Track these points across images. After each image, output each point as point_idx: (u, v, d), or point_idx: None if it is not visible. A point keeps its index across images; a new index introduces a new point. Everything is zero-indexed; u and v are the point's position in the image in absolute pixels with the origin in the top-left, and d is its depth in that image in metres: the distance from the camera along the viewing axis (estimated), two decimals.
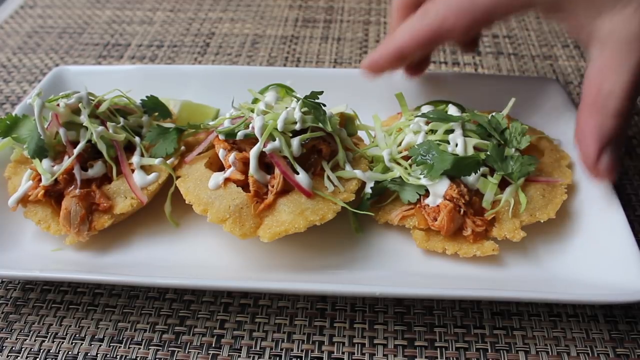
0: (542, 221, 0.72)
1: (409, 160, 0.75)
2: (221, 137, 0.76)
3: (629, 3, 0.62)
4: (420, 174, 0.73)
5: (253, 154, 0.71)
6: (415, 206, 0.74)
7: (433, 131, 0.77)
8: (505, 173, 0.73)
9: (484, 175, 0.73)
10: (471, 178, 0.72)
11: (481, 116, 0.78)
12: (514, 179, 0.73)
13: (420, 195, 0.73)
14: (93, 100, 0.78)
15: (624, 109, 0.65)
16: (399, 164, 0.76)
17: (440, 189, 0.71)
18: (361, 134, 0.87)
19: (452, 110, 0.80)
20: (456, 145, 0.73)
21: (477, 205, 0.73)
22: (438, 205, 0.71)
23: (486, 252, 0.70)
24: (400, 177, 0.74)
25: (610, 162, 0.67)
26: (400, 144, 0.78)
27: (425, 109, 0.82)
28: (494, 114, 0.79)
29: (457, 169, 0.71)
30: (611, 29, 0.64)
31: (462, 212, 0.71)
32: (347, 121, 0.83)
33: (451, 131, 0.76)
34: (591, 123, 0.67)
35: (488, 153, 0.73)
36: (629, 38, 0.63)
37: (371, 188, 0.75)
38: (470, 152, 0.73)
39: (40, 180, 0.74)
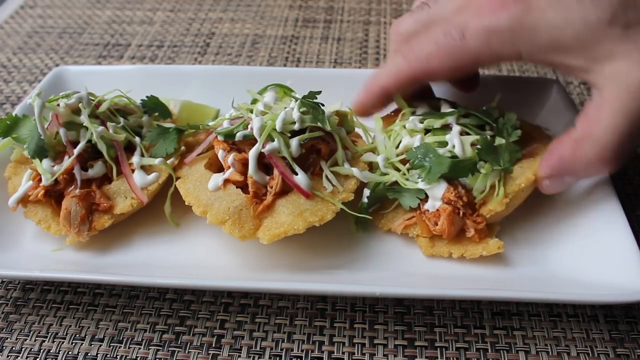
0: (522, 185, 0.71)
1: (407, 165, 0.74)
2: (220, 138, 0.76)
3: (632, 52, 0.60)
4: (418, 178, 0.73)
5: (252, 154, 0.71)
6: (417, 213, 0.73)
7: (429, 131, 0.76)
8: (497, 166, 0.72)
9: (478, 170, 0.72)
10: (469, 179, 0.72)
11: (474, 110, 0.79)
12: (505, 168, 0.72)
13: (420, 199, 0.72)
14: (93, 100, 0.78)
15: (606, 159, 0.64)
16: (396, 168, 0.75)
17: (438, 193, 0.71)
18: (359, 130, 0.86)
19: (445, 108, 0.80)
20: (453, 146, 0.72)
21: (473, 202, 0.73)
22: (438, 210, 0.71)
23: (492, 250, 0.70)
24: (396, 182, 0.74)
25: (559, 187, 0.72)
26: (398, 146, 0.77)
27: (420, 108, 0.81)
28: (485, 107, 0.80)
29: (455, 172, 0.71)
30: (612, 76, 0.62)
31: (461, 214, 0.71)
32: (342, 118, 0.82)
33: (447, 128, 0.75)
34: (567, 155, 0.67)
35: (479, 147, 0.72)
36: (632, 86, 0.60)
37: (367, 197, 0.75)
38: (468, 150, 0.72)
39: (40, 180, 0.74)
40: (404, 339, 0.68)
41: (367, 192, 0.75)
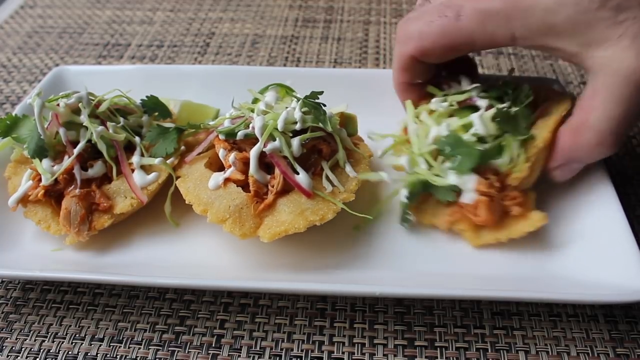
0: (540, 145, 0.72)
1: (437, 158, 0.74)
2: (221, 137, 0.76)
3: (622, 38, 0.61)
4: (450, 170, 0.72)
5: (253, 154, 0.71)
6: (457, 208, 0.73)
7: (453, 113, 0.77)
8: (517, 135, 0.73)
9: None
10: (498, 161, 0.72)
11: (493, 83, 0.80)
12: (526, 137, 0.73)
13: (455, 192, 0.72)
14: (93, 100, 0.78)
15: (606, 143, 0.67)
16: (428, 163, 0.74)
17: (469, 186, 0.71)
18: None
19: (465, 82, 0.81)
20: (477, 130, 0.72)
21: (504, 181, 0.73)
22: (475, 201, 0.71)
23: (536, 224, 0.70)
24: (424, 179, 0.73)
25: (568, 174, 0.75)
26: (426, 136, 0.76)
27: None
28: (501, 81, 0.81)
29: (484, 159, 0.71)
30: (606, 62, 0.63)
31: (496, 200, 0.71)
32: (347, 121, 0.83)
33: (470, 105, 0.76)
34: (568, 144, 0.70)
35: (498, 119, 0.73)
36: (623, 71, 0.62)
37: (406, 197, 0.74)
38: (491, 127, 0.72)
39: (40, 180, 0.74)
40: (403, 339, 0.68)
41: (404, 191, 0.74)
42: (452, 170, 0.72)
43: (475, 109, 0.76)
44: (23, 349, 0.68)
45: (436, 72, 0.81)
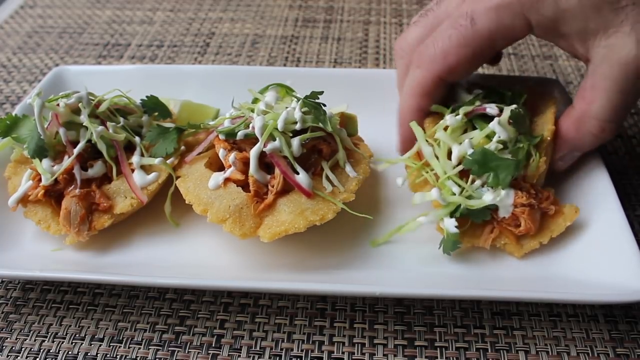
0: (549, 138, 0.74)
1: (468, 179, 0.71)
2: (221, 137, 0.76)
3: (623, 24, 0.62)
4: (483, 187, 0.70)
5: (253, 153, 0.71)
6: (496, 225, 0.71)
7: (470, 125, 0.75)
8: (529, 136, 0.73)
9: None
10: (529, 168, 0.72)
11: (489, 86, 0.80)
12: (538, 137, 0.74)
13: (491, 210, 0.70)
14: (93, 100, 0.78)
15: (607, 130, 0.69)
16: (458, 186, 0.70)
17: (508, 201, 0.69)
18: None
19: (461, 91, 0.80)
20: (499, 137, 0.71)
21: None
22: (514, 213, 0.70)
23: (572, 217, 0.71)
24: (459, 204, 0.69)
25: (569, 162, 0.77)
26: (449, 157, 0.72)
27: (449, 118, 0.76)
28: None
29: (518, 169, 0.70)
30: (605, 49, 0.64)
31: (536, 207, 0.70)
32: (347, 121, 0.83)
33: (480, 117, 0.74)
34: (572, 134, 0.72)
35: (511, 121, 0.72)
36: (623, 59, 0.63)
37: (455, 227, 0.68)
38: (512, 131, 0.72)
39: (40, 180, 0.74)
40: (403, 339, 0.68)
41: (450, 221, 0.68)
42: (488, 188, 0.70)
43: (484, 117, 0.74)
44: (23, 349, 0.68)
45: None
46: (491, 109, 0.74)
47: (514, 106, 0.75)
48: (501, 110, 0.74)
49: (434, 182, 0.72)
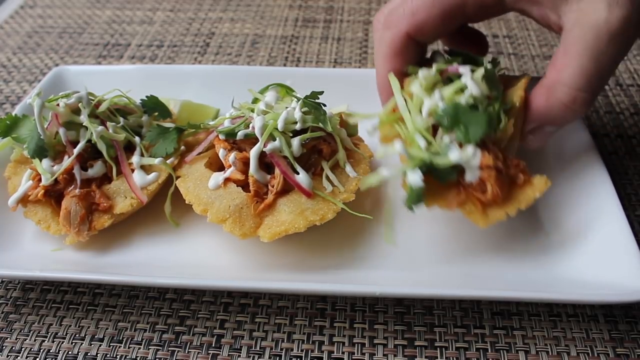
0: (517, 105, 0.71)
1: (437, 135, 0.67)
2: (221, 136, 0.76)
3: None
4: (450, 143, 0.66)
5: (253, 153, 0.71)
6: (462, 190, 0.67)
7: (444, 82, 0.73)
8: (500, 96, 0.70)
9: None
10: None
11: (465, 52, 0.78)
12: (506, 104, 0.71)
13: (457, 171, 0.66)
14: (93, 100, 0.78)
15: (579, 100, 0.65)
16: (426, 140, 0.67)
17: (474, 162, 0.65)
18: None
19: (439, 57, 0.78)
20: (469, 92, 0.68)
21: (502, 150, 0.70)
22: (480, 178, 0.66)
23: (542, 188, 0.67)
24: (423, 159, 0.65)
25: (542, 138, 0.73)
26: (421, 111, 0.70)
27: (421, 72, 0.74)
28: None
29: (490, 126, 0.67)
30: (576, 14, 0.62)
31: (503, 172, 0.67)
32: (347, 121, 0.83)
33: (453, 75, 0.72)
34: (542, 103, 0.68)
35: (487, 79, 0.70)
36: (594, 22, 0.61)
37: (422, 178, 0.63)
38: (484, 88, 0.69)
39: (40, 180, 0.74)
40: (403, 339, 0.68)
41: (415, 174, 0.64)
42: (454, 145, 0.65)
43: (459, 78, 0.71)
44: (23, 349, 0.68)
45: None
46: (465, 69, 0.71)
47: (489, 65, 0.73)
48: (473, 72, 0.71)
49: (404, 136, 0.69)
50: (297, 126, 0.73)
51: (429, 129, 0.68)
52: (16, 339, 0.69)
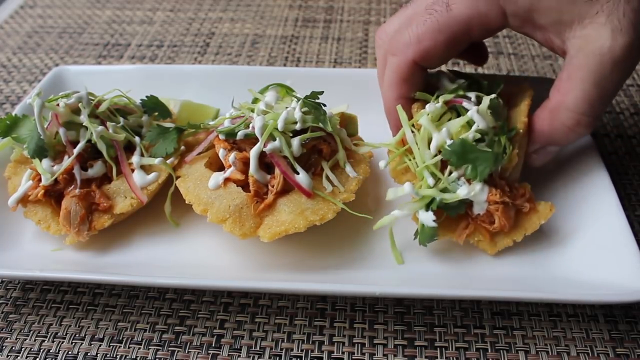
0: (522, 131, 0.73)
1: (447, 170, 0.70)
2: (221, 136, 0.76)
3: (599, 15, 0.62)
4: (459, 180, 0.69)
5: (253, 153, 0.71)
6: (471, 221, 0.71)
7: (450, 114, 0.74)
8: (505, 127, 0.73)
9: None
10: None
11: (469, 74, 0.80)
12: (513, 129, 0.74)
13: (465, 204, 0.70)
14: (93, 100, 0.78)
15: (582, 124, 0.67)
16: (435, 176, 0.70)
17: (482, 197, 0.69)
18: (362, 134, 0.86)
19: (444, 79, 0.79)
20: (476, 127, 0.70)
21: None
22: (488, 210, 0.70)
23: (547, 215, 0.71)
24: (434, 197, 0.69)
25: (545, 157, 0.76)
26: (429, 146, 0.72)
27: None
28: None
29: (496, 163, 0.69)
30: (581, 40, 0.63)
31: (510, 204, 0.70)
32: (347, 121, 0.83)
33: (461, 102, 0.74)
34: (545, 126, 0.71)
35: (491, 111, 0.72)
36: (598, 50, 0.62)
37: (433, 219, 0.67)
38: (490, 120, 0.70)
39: (40, 180, 0.74)
40: (403, 339, 0.68)
41: (427, 215, 0.68)
42: (462, 182, 0.69)
43: (462, 109, 0.74)
44: (23, 349, 0.68)
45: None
46: (468, 103, 0.73)
47: (493, 95, 0.74)
48: (480, 101, 0.73)
49: (414, 170, 0.72)
50: (297, 126, 0.73)
51: (437, 165, 0.71)
52: (16, 339, 0.69)
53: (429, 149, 0.71)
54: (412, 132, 0.74)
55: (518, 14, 0.66)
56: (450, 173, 0.70)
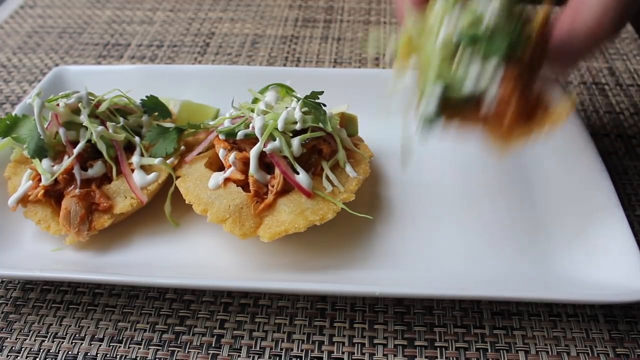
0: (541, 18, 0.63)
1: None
2: (221, 136, 0.76)
3: None
4: (469, 63, 0.60)
5: (253, 153, 0.71)
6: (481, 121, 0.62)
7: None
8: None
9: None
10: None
11: None
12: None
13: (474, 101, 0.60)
14: (93, 100, 0.78)
15: (606, 19, 0.60)
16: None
17: (493, 86, 0.59)
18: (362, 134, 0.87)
19: None
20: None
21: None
22: (499, 111, 0.60)
23: (568, 110, 0.61)
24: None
25: (562, 68, 0.65)
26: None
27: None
28: None
29: (517, 41, 0.60)
30: None
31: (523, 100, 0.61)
32: (347, 121, 0.83)
33: None
34: (566, 24, 0.62)
35: None
36: None
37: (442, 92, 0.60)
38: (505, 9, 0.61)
39: (40, 180, 0.74)
40: (403, 339, 0.68)
41: (435, 88, 0.60)
42: (475, 64, 0.59)
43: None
44: (23, 349, 0.68)
45: None
46: None
47: None
48: None
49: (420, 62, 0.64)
50: (297, 126, 0.73)
51: (447, 54, 0.61)
52: (16, 339, 0.69)
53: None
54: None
55: None
56: (461, 58, 0.61)
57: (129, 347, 0.68)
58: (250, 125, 0.73)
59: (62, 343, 0.68)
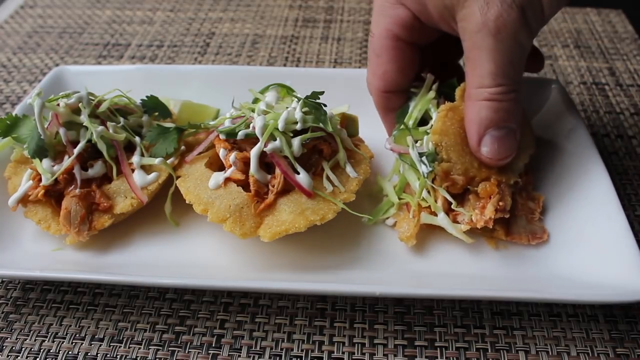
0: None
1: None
2: (222, 136, 0.76)
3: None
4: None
5: (254, 153, 0.71)
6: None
7: None
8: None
9: None
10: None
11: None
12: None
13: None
14: (93, 100, 0.78)
15: (496, 94, 0.65)
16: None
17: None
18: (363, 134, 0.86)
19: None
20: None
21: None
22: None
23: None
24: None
25: (495, 147, 0.68)
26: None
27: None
28: None
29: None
30: (463, 22, 0.63)
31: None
32: (348, 122, 0.83)
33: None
34: (471, 111, 0.68)
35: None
36: (474, 28, 0.62)
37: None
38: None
39: (40, 180, 0.74)
40: (403, 339, 0.68)
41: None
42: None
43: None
44: (23, 349, 0.68)
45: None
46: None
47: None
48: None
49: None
50: (298, 126, 0.73)
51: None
52: (16, 339, 0.69)
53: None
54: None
55: (416, 9, 0.68)
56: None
57: (129, 347, 0.68)
58: (251, 125, 0.73)
59: (63, 343, 0.68)
